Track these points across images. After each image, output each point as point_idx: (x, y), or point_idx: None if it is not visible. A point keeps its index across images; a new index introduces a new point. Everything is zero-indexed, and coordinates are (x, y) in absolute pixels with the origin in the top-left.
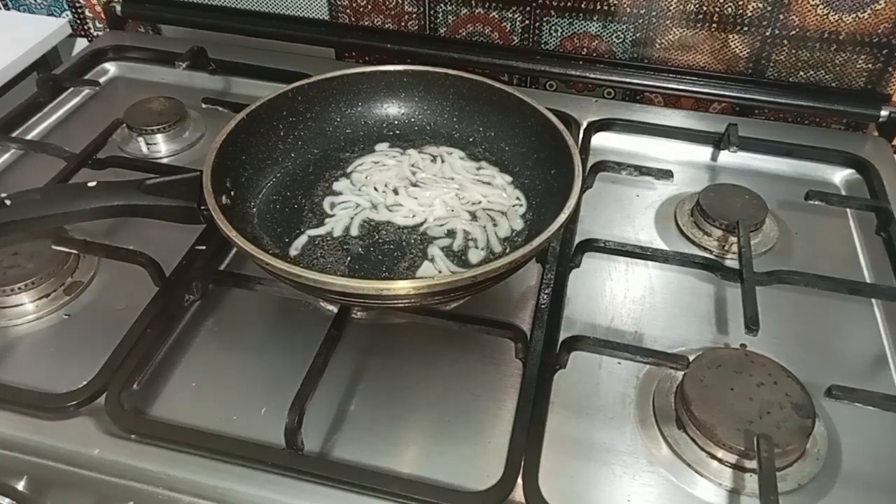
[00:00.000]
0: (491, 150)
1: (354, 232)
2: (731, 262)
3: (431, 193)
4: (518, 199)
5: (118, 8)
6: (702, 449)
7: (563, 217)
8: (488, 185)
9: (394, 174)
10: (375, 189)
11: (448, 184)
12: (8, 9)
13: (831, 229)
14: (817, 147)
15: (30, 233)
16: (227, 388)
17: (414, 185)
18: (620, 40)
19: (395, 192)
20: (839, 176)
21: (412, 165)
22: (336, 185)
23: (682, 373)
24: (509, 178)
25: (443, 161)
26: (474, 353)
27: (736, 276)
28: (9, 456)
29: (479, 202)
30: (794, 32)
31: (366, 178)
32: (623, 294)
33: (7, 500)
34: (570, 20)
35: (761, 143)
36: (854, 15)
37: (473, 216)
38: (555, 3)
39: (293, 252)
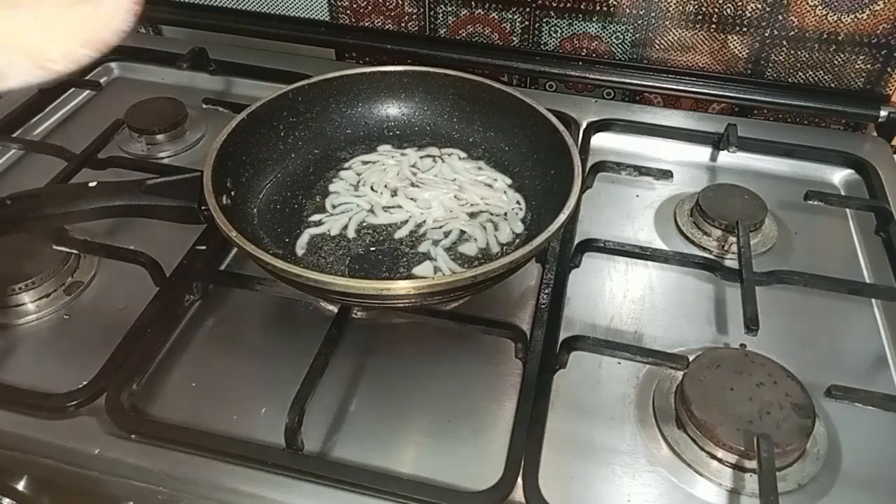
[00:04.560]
0: (491, 150)
1: (353, 233)
2: (731, 262)
3: (430, 194)
4: (518, 202)
5: None
6: (702, 449)
7: (562, 217)
8: (489, 187)
9: (393, 175)
10: (374, 190)
11: (448, 185)
12: None
13: (831, 229)
14: (816, 147)
15: (30, 233)
16: (227, 388)
17: (413, 185)
18: (620, 41)
19: (394, 193)
20: (838, 176)
21: (412, 166)
22: (335, 186)
23: (682, 373)
24: (509, 181)
25: (443, 161)
26: (474, 353)
27: (735, 276)
28: (9, 456)
29: (478, 204)
30: (793, 33)
31: (363, 178)
32: (623, 294)
33: (7, 500)
34: (570, 21)
35: (760, 143)
36: (853, 16)
37: (472, 217)
38: (554, 4)
39: (299, 251)
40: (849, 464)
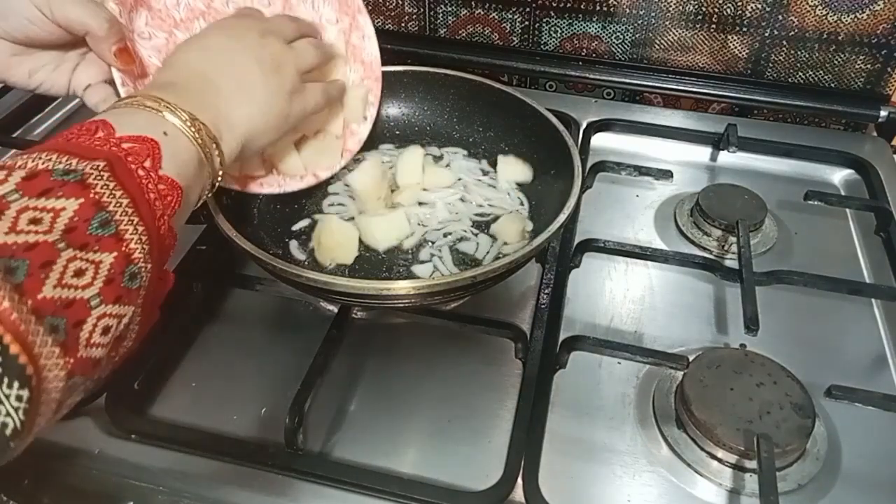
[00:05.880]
0: (491, 150)
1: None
2: (731, 262)
3: (433, 195)
4: (521, 202)
5: None
6: (702, 449)
7: (562, 217)
8: (492, 188)
9: (394, 174)
10: (373, 190)
11: (454, 184)
12: None
13: (831, 229)
14: (816, 147)
15: None
16: (227, 388)
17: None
18: (620, 41)
19: (394, 193)
20: (838, 176)
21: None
22: (335, 187)
23: (682, 373)
24: (512, 182)
25: (444, 162)
26: (474, 353)
27: (735, 276)
28: None
29: (482, 205)
30: (793, 33)
31: (362, 179)
32: (623, 294)
33: (7, 500)
34: (570, 21)
35: (760, 143)
36: (853, 16)
37: (473, 219)
38: (554, 4)
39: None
40: (849, 464)
